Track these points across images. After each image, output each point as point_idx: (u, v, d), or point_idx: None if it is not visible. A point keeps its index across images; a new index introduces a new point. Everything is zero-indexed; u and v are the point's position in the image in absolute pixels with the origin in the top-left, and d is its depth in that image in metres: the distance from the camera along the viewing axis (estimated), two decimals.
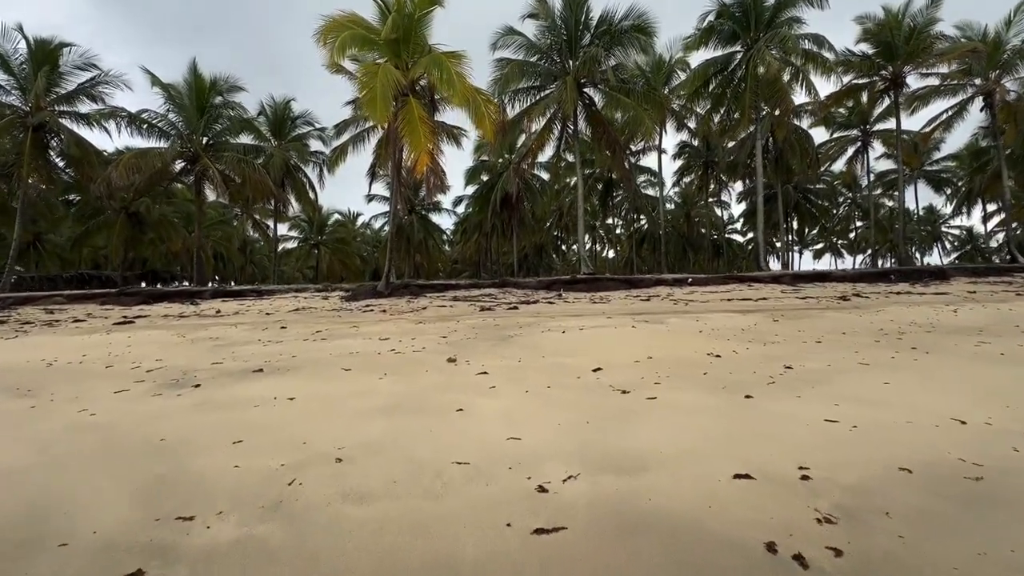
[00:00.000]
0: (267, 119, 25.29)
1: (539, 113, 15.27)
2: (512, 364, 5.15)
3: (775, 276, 13.22)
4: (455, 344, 6.38)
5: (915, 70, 17.83)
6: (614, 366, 4.95)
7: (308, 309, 9.79)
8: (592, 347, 6.02)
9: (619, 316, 8.33)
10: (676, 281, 13.06)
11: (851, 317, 7.91)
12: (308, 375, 4.83)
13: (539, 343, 6.34)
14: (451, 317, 8.41)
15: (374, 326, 7.72)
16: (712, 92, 18.06)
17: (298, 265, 51.61)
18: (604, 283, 12.78)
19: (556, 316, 8.43)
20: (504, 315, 8.71)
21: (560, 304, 9.77)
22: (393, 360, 5.49)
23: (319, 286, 13.96)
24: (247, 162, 16.92)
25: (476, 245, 42.65)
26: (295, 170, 25.27)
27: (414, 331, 7.33)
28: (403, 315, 8.68)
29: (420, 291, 12.41)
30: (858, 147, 30.26)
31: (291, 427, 3.26)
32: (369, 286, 12.47)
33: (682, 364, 4.99)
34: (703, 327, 7.36)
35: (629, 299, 10.42)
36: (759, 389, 3.91)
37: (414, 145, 9.72)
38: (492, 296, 11.44)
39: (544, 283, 13.28)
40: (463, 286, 13.21)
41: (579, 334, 6.92)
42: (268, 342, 6.67)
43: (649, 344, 6.14)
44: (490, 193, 29.44)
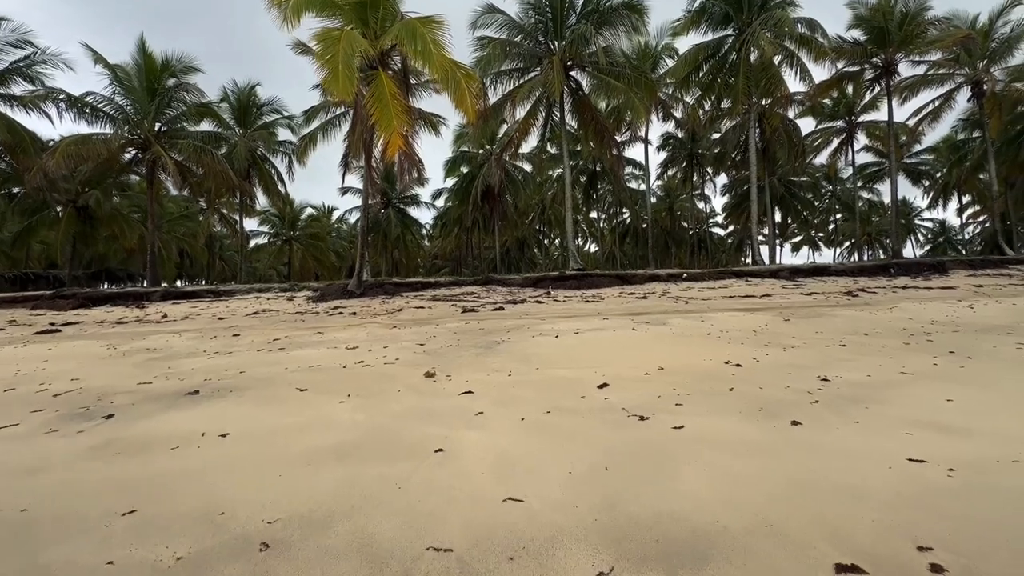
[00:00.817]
0: (230, 106, 23.89)
1: (523, 97, 14.50)
2: (501, 379, 4.43)
3: (773, 271, 12.82)
4: (434, 353, 5.63)
5: (907, 57, 17.68)
6: (622, 380, 4.28)
7: (269, 312, 8.88)
8: (592, 355, 5.34)
9: (616, 317, 7.68)
10: (671, 276, 12.52)
11: (866, 315, 7.42)
12: (253, 399, 4.02)
13: (530, 351, 5.64)
14: (430, 320, 7.65)
15: (342, 332, 6.90)
16: (702, 79, 17.57)
17: (271, 262, 49.84)
18: (595, 279, 12.16)
19: (547, 317, 7.74)
20: (489, 317, 7.98)
21: (550, 303, 9.09)
22: (360, 375, 4.71)
23: (285, 285, 12.97)
24: (205, 151, 15.71)
25: (457, 240, 41.77)
26: (262, 160, 23.97)
27: (387, 337, 6.54)
28: (376, 318, 7.87)
29: (396, 290, 11.57)
30: (843, 138, 30.39)
31: (211, 485, 2.46)
32: (339, 285, 11.57)
33: (700, 377, 4.35)
34: (710, 329, 6.77)
35: (623, 297, 9.81)
36: (804, 412, 3.28)
37: (384, 126, 8.77)
38: (475, 295, 10.70)
39: (531, 280, 12.58)
40: (443, 284, 12.41)
41: (575, 339, 6.24)
42: (215, 354, 5.80)
43: (656, 351, 5.50)
44: (471, 185, 28.60)
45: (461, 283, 12.68)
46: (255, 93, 24.31)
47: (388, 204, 35.55)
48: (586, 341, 6.04)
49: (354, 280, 11.43)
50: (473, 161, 29.79)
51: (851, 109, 28.07)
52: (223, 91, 23.67)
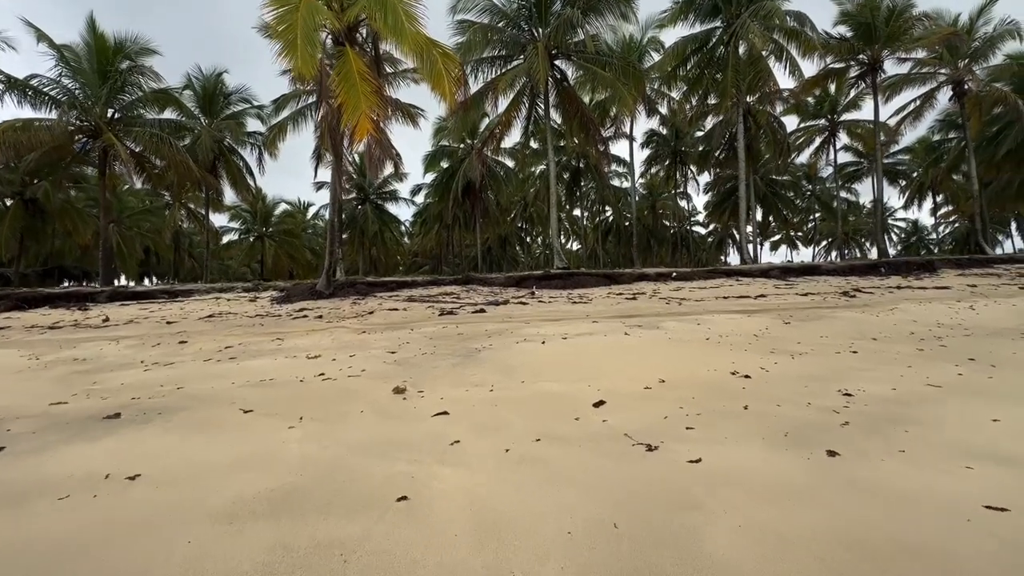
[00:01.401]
0: (195, 94, 22.70)
1: (506, 86, 13.95)
2: (482, 395, 3.90)
3: (763, 270, 12.57)
4: (406, 363, 5.05)
5: (893, 54, 17.71)
6: (620, 397, 3.80)
7: (226, 315, 8.14)
8: (583, 364, 4.84)
9: (606, 319, 7.21)
10: (660, 276, 12.15)
11: (868, 317, 7.11)
12: (184, 424, 3.40)
13: (514, 359, 5.11)
14: (404, 324, 7.06)
15: (304, 338, 6.26)
16: (689, 72, 17.28)
17: (242, 259, 48.30)
18: (581, 279, 11.70)
19: (532, 320, 7.22)
20: (469, 320, 7.42)
21: (534, 305, 8.58)
22: (318, 392, 4.11)
23: (248, 285, 12.17)
24: (164, 139, 14.70)
25: (437, 237, 40.99)
26: (229, 152, 22.86)
27: (355, 344, 5.94)
28: (344, 322, 7.25)
29: (369, 290, 10.91)
30: (825, 137, 30.68)
31: (93, 560, 1.86)
32: (307, 285, 10.85)
33: (708, 391, 3.89)
34: (708, 333, 6.34)
35: (612, 297, 9.36)
36: (837, 438, 2.83)
37: (351, 108, 8.02)
38: (454, 296, 10.12)
39: (514, 279, 12.05)
40: (420, 284, 11.79)
41: (563, 345, 5.74)
42: (152, 365, 5.11)
43: (653, 359, 5.03)
44: (451, 181, 27.92)
45: (440, 283, 12.07)
46: (222, 81, 23.17)
47: (365, 200, 34.59)
48: (576, 348, 5.54)
49: (323, 279, 10.72)
50: (454, 156, 29.10)
51: (834, 107, 28.28)
52: (187, 78, 22.47)
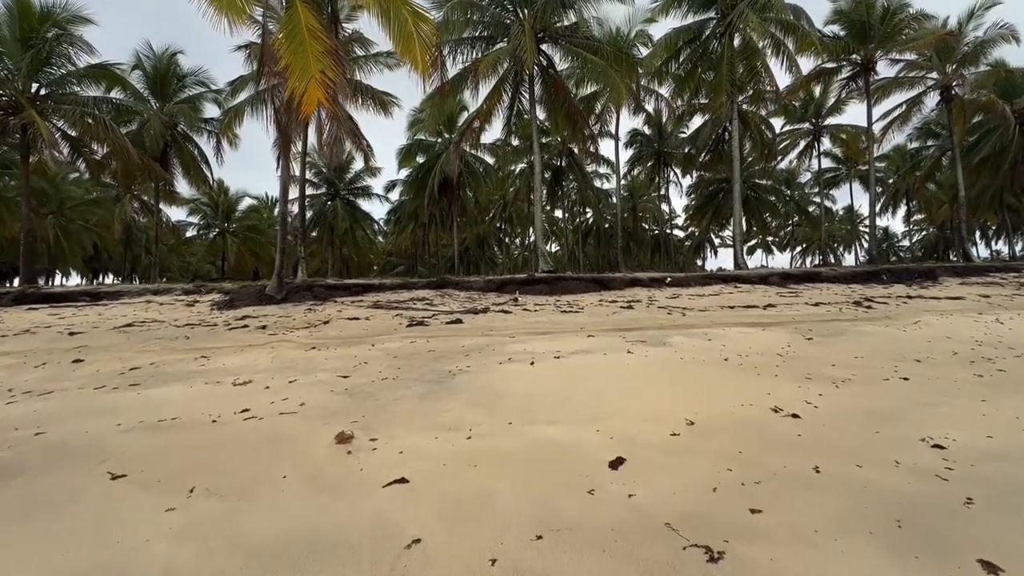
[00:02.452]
0: (144, 74, 20.98)
1: (487, 70, 12.97)
2: (456, 448, 2.94)
3: (762, 276, 11.95)
4: (360, 393, 4.05)
5: (887, 55, 17.49)
6: (642, 449, 2.90)
7: (150, 324, 6.93)
8: (585, 395, 3.92)
9: (604, 333, 6.32)
10: (653, 281, 11.38)
11: (895, 333, 6.41)
12: (15, 499, 2.33)
13: (499, 387, 4.16)
14: (363, 337, 6.02)
15: (236, 355, 5.18)
16: (680, 66, 16.66)
17: (202, 256, 45.96)
18: (568, 284, 10.83)
19: (517, 334, 6.28)
20: (443, 333, 6.43)
21: (518, 314, 7.64)
22: (232, 441, 3.08)
23: (189, 286, 10.85)
24: (96, 119, 13.18)
25: (412, 237, 39.67)
26: (183, 139, 21.22)
27: (299, 365, 4.89)
28: (292, 333, 6.16)
29: (328, 294, 9.76)
30: (809, 141, 30.75)
31: None
32: (255, 288, 9.59)
33: (754, 440, 3.02)
34: (724, 351, 5.52)
35: (605, 305, 8.50)
36: (976, 531, 1.98)
37: (299, 70, 6.76)
38: (426, 302, 9.09)
39: (494, 284, 11.05)
40: (388, 287, 10.69)
41: (557, 367, 4.82)
42: (24, 395, 3.97)
43: (669, 386, 4.16)
44: (427, 177, 26.77)
45: (411, 286, 10.99)
46: (176, 62, 21.48)
47: (335, 195, 33.10)
48: (573, 371, 4.62)
49: (273, 282, 9.44)
50: (430, 151, 27.94)
51: (818, 111, 28.30)
52: (136, 56, 20.74)
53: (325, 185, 33.15)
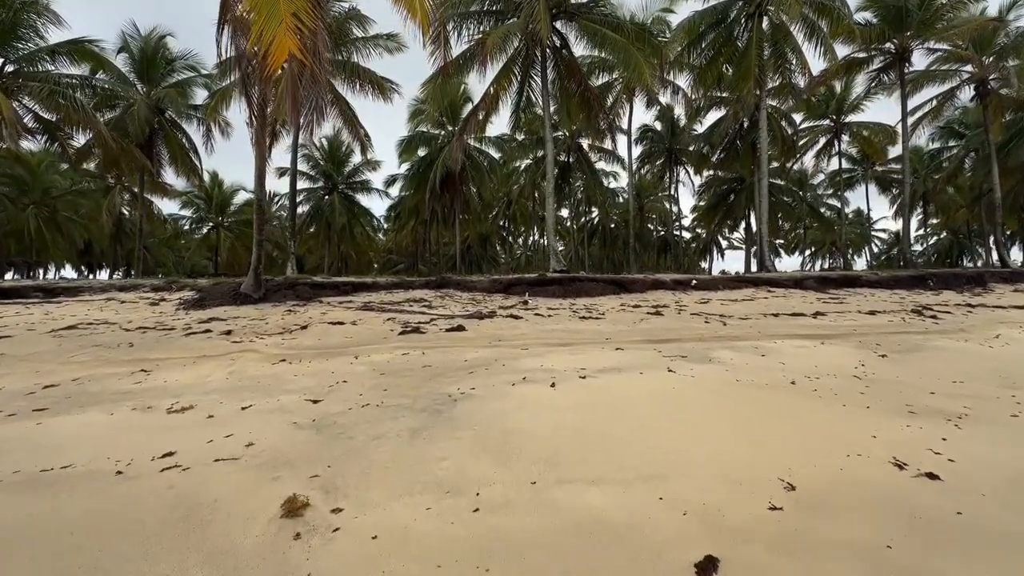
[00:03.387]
0: (130, 57, 20.05)
1: (496, 45, 11.95)
2: (459, 528, 1.94)
3: (796, 279, 10.95)
4: (330, 427, 3.07)
5: (923, 44, 16.47)
6: (736, 539, 1.89)
7: (96, 326, 5.96)
8: (630, 437, 2.93)
9: (633, 346, 5.34)
10: (677, 283, 10.40)
11: (980, 349, 5.40)
12: None
13: (513, 423, 3.17)
14: (346, 347, 5.05)
15: (184, 370, 4.22)
16: (702, 53, 15.63)
17: (195, 251, 45.11)
18: (583, 285, 9.84)
19: (531, 345, 5.30)
20: (442, 343, 5.45)
21: (529, 319, 6.66)
22: (129, 507, 2.09)
23: (160, 283, 9.87)
24: (65, 96, 12.23)
25: (413, 234, 38.70)
26: (170, 126, 20.28)
27: (261, 383, 3.92)
28: (261, 340, 5.19)
29: (313, 293, 8.77)
30: (829, 139, 29.71)
31: None
32: (229, 286, 8.57)
33: (899, 524, 2.02)
34: (787, 372, 4.53)
35: (628, 311, 7.51)
36: None
37: (265, 12, 5.65)
38: (424, 304, 8.11)
39: (501, 284, 10.05)
40: (383, 286, 9.72)
41: (584, 391, 3.84)
42: None
43: (739, 425, 3.16)
44: (428, 171, 25.77)
45: (407, 285, 9.99)
46: (164, 44, 20.54)
47: (332, 189, 32.15)
48: (604, 398, 3.63)
49: (249, 279, 8.43)
50: (432, 143, 26.94)
51: (840, 108, 27.29)
52: (122, 38, 19.79)
53: (322, 178, 32.19)
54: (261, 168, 7.98)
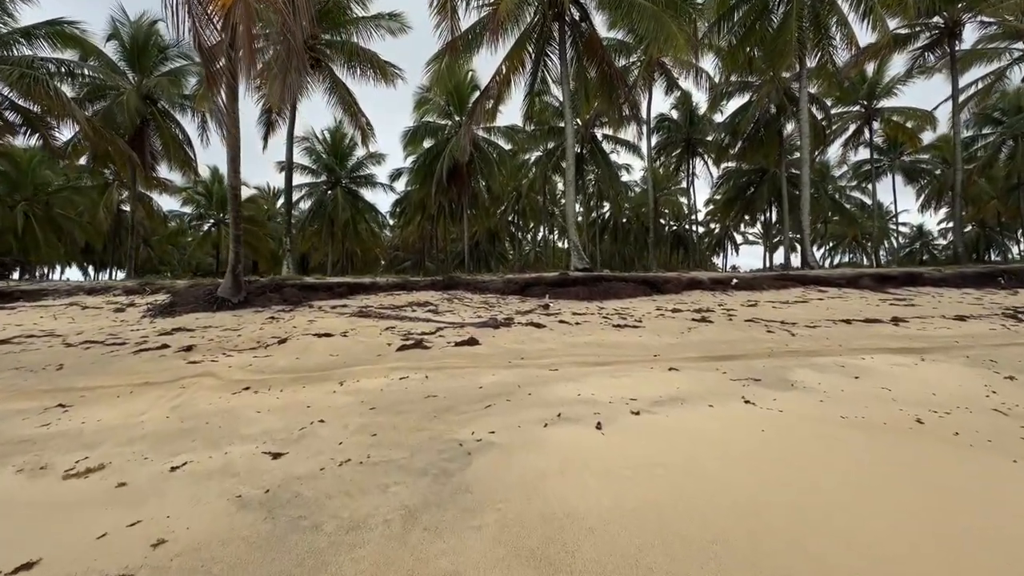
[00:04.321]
0: (121, 45, 19.23)
1: (510, 15, 10.85)
2: None
3: (850, 277, 9.79)
4: (287, 507, 2.05)
5: (975, 18, 15.15)
6: None
7: (35, 339, 4.99)
8: (733, 525, 1.89)
9: (688, 363, 4.29)
10: (715, 283, 9.30)
11: None
12: None
13: (554, 499, 2.12)
14: (330, 368, 4.05)
15: (114, 404, 3.25)
16: (732, 29, 14.43)
17: (195, 249, 44.61)
18: (611, 285, 8.75)
19: (560, 363, 4.27)
20: (450, 360, 4.43)
21: (555, 329, 5.63)
22: None
23: (134, 284, 8.95)
24: (37, 79, 11.34)
25: (419, 230, 37.78)
26: (162, 117, 19.44)
27: (208, 424, 2.94)
28: (227, 358, 4.19)
29: (303, 296, 7.77)
30: (859, 126, 28.32)
31: None
32: (205, 288, 7.55)
33: None
34: (899, 401, 3.48)
35: (667, 316, 6.45)
36: None
37: None
38: (430, 308, 7.09)
39: (516, 284, 8.95)
40: (383, 287, 8.69)
41: (643, 436, 2.81)
42: None
43: (884, 500, 2.09)
44: (435, 163, 24.75)
45: (411, 286, 8.96)
46: (156, 31, 19.68)
47: (336, 183, 31.27)
48: (675, 449, 2.60)
49: (227, 281, 7.38)
50: (439, 134, 25.88)
51: (872, 91, 25.89)
52: (112, 24, 18.99)
53: (325, 172, 31.29)
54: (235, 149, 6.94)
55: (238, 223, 7.25)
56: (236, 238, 7.29)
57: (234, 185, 7.18)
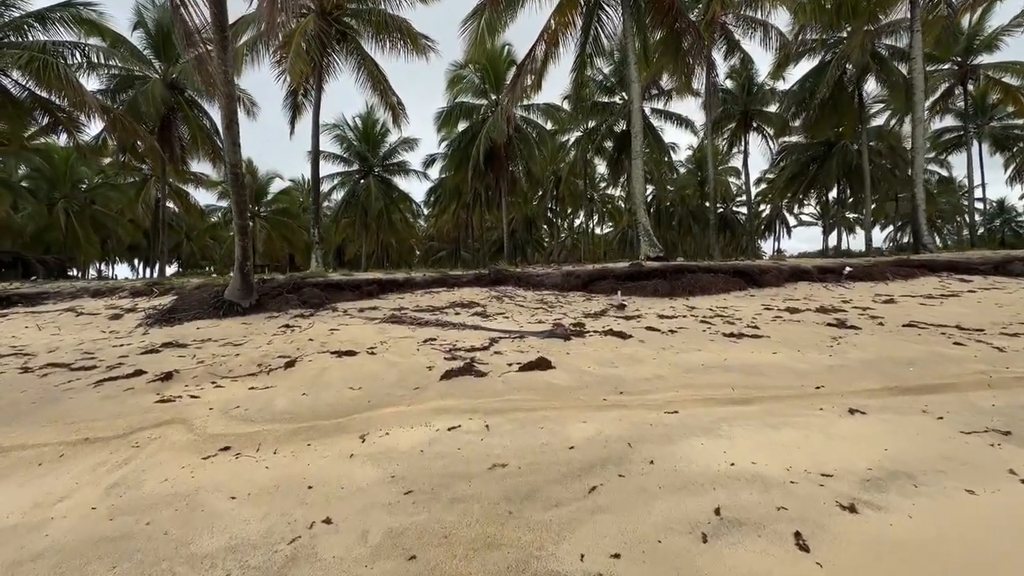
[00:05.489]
0: (146, 34, 18.83)
1: None
2: None
3: (997, 262, 7.90)
4: None
5: None
6: None
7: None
8: None
9: (873, 400, 2.88)
10: (824, 272, 7.68)
11: None
12: None
13: None
14: (347, 409, 2.84)
15: (28, 481, 2.17)
16: None
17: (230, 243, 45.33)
18: (696, 278, 7.23)
19: (680, 401, 2.92)
20: (514, 394, 3.15)
21: (644, 336, 4.26)
22: None
23: (141, 285, 8.14)
24: (47, 64, 10.70)
25: (455, 218, 36.83)
26: (188, 106, 18.97)
27: (148, 528, 1.78)
28: (214, 390, 3.05)
29: (326, 297, 6.66)
30: (950, 86, 25.25)
31: None
32: (211, 291, 6.47)
33: None
34: None
35: (787, 321, 4.95)
36: None
37: None
38: (476, 310, 5.85)
39: (578, 278, 7.50)
40: (419, 284, 7.51)
41: (881, 558, 1.43)
42: None
43: None
44: (470, 146, 23.50)
45: (452, 282, 7.71)
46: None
47: (368, 172, 30.58)
48: None
49: (235, 280, 6.20)
50: (474, 114, 24.55)
51: (970, 45, 22.88)
52: (137, 11, 18.60)
53: (356, 161, 30.63)
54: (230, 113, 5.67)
55: (243, 211, 6.10)
56: (242, 229, 6.16)
57: (234, 162, 6.00)
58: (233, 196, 5.94)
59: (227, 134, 5.96)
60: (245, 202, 6.07)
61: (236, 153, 5.98)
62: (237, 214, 6.07)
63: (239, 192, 5.96)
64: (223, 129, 6.02)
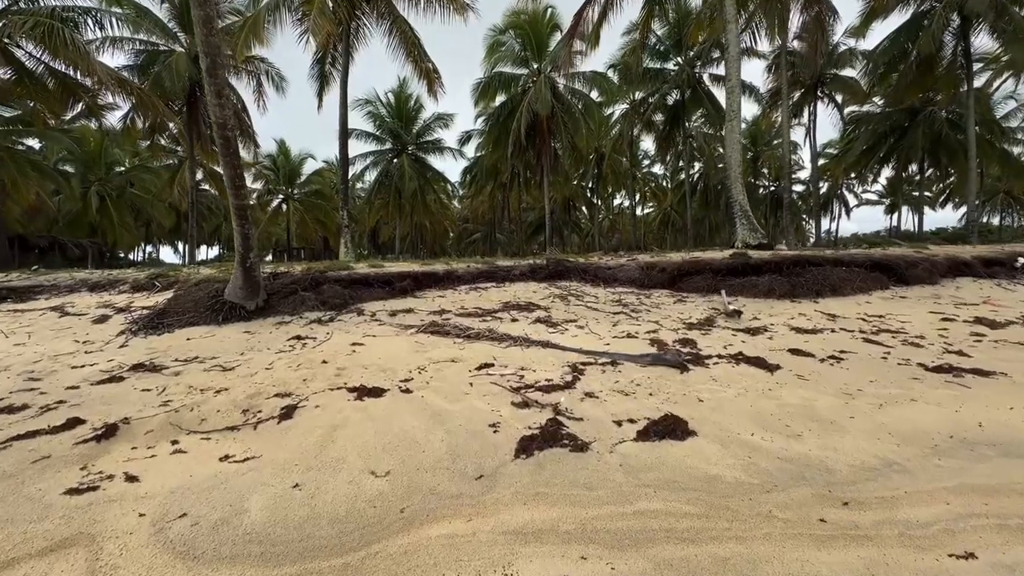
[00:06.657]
0: (171, 5, 18.15)
1: None
2: None
3: None
4: None
5: None
6: None
7: None
8: None
9: None
10: (988, 264, 6.06)
11: None
12: None
13: None
14: (368, 521, 1.69)
15: None
16: None
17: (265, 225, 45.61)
18: (821, 272, 5.68)
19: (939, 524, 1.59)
20: (639, 493, 1.87)
21: (795, 365, 2.90)
22: None
23: (143, 279, 7.25)
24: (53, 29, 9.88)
25: (491, 199, 35.55)
26: None
27: None
28: (172, 451, 1.91)
29: (350, 295, 5.48)
30: None
31: None
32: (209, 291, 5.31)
33: None
34: None
35: (993, 344, 3.50)
36: None
37: None
38: (539, 315, 4.55)
39: (663, 271, 6.01)
40: (460, 277, 6.24)
41: None
42: None
43: None
44: (510, 120, 22.04)
45: (501, 275, 6.41)
46: None
47: (401, 150, 29.56)
48: None
49: (236, 277, 5.11)
50: (513, 86, 22.99)
51: None
52: None
53: (389, 139, 29.63)
54: (213, 51, 4.26)
55: (239, 188, 4.79)
56: (240, 211, 4.84)
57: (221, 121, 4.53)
58: (224, 167, 4.66)
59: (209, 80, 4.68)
60: (241, 175, 4.83)
61: (222, 107, 4.63)
62: (232, 192, 4.80)
63: (231, 160, 4.66)
64: (205, 70, 4.66)
